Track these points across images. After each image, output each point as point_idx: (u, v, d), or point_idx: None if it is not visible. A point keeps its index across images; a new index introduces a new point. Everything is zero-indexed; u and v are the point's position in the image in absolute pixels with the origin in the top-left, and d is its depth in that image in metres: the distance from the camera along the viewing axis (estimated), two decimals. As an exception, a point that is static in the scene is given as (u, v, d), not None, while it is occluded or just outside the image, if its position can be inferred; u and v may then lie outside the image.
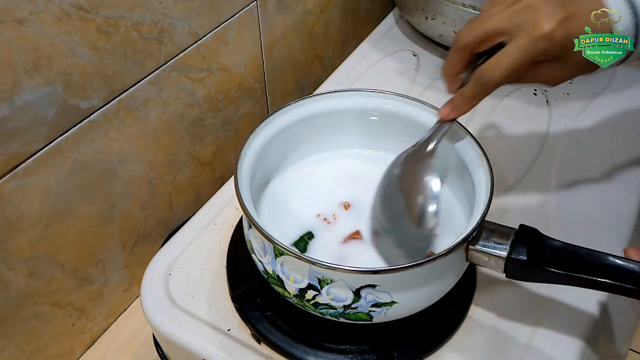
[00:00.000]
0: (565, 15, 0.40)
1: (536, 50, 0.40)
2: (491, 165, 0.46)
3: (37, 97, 0.46)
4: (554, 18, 0.40)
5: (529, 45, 0.40)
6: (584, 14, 0.40)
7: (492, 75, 0.42)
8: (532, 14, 0.40)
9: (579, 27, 0.40)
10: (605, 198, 0.59)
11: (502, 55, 0.41)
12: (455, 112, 0.46)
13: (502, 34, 0.41)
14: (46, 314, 0.55)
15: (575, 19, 0.40)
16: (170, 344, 0.50)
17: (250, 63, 0.71)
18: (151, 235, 0.65)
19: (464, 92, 0.45)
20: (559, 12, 0.40)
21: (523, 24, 0.40)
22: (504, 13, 0.41)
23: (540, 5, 0.40)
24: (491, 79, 0.42)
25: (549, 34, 0.40)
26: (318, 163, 0.56)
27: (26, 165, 0.48)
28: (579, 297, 0.50)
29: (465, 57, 0.44)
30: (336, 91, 0.54)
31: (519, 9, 0.41)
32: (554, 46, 0.40)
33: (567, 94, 0.73)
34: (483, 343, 0.48)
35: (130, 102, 0.55)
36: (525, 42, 0.40)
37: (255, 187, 0.51)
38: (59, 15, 0.45)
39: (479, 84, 0.43)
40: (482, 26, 0.42)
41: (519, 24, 0.41)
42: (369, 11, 0.96)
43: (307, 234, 0.50)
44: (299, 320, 0.48)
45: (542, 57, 0.41)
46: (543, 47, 0.40)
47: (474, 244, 0.43)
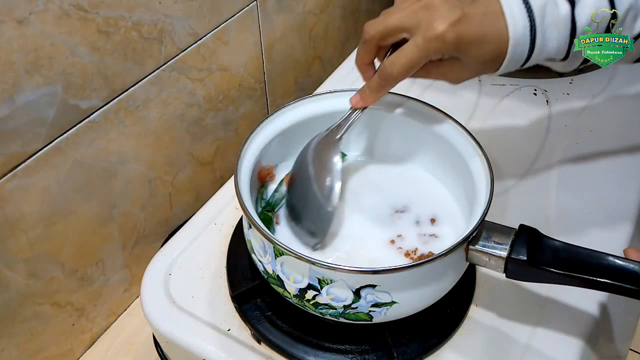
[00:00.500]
0: (458, 17, 0.41)
1: (429, 49, 0.41)
2: (491, 165, 0.46)
3: (37, 97, 0.46)
4: (447, 20, 0.41)
5: (423, 45, 0.41)
6: (477, 16, 0.41)
7: (391, 69, 0.43)
8: (429, 14, 0.41)
9: (470, 29, 0.41)
10: (605, 198, 0.59)
11: (401, 51, 0.43)
12: (363, 101, 0.48)
13: (403, 30, 0.43)
14: (46, 314, 0.55)
15: (467, 21, 0.41)
16: (170, 344, 0.50)
17: (250, 63, 0.71)
18: (151, 235, 0.65)
19: (370, 84, 0.47)
20: (453, 14, 0.41)
21: (421, 22, 0.41)
22: (407, 10, 0.43)
23: (438, 6, 0.41)
24: (390, 73, 0.44)
25: (440, 35, 0.41)
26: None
27: (26, 165, 0.48)
28: (579, 297, 0.50)
29: (370, 49, 0.45)
30: (336, 91, 0.54)
31: (419, 7, 0.42)
32: (446, 47, 0.41)
33: (567, 94, 0.73)
34: (483, 343, 0.48)
35: (130, 102, 0.55)
36: (420, 42, 0.41)
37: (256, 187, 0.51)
38: (59, 15, 0.45)
39: (381, 76, 0.45)
40: (386, 21, 0.43)
41: (417, 23, 0.42)
42: (369, 11, 0.96)
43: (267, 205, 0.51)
44: (299, 320, 0.48)
45: (437, 56, 0.42)
46: (436, 47, 0.41)
47: (474, 244, 0.43)
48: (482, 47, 0.41)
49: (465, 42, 0.41)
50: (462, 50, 0.41)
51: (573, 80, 0.74)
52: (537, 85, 0.74)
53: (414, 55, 0.42)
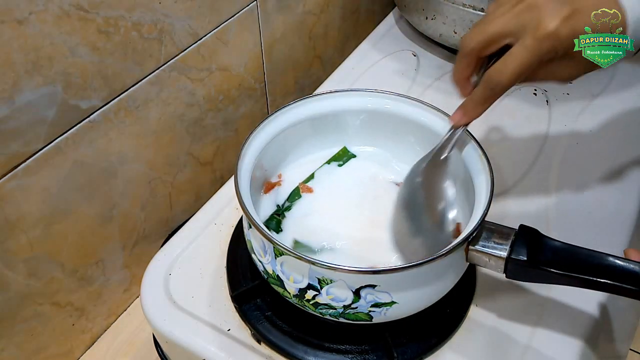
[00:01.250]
0: (569, 12, 0.39)
1: (542, 49, 0.40)
2: (491, 165, 0.46)
3: (37, 97, 0.46)
4: (558, 16, 0.39)
5: (535, 45, 0.40)
6: (588, 10, 0.40)
7: (500, 78, 0.41)
8: (536, 14, 0.40)
9: (584, 23, 0.40)
10: (605, 198, 0.59)
11: (508, 57, 0.41)
12: (466, 117, 0.46)
13: (507, 35, 0.41)
14: (46, 314, 0.55)
15: (579, 15, 0.40)
16: (170, 344, 0.50)
17: (250, 63, 0.71)
18: (151, 235, 0.65)
19: (474, 97, 0.44)
20: (563, 10, 0.40)
21: (527, 24, 0.40)
22: (507, 14, 0.41)
23: (544, 4, 0.40)
24: (499, 81, 0.42)
25: (554, 32, 0.39)
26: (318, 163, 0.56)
27: (26, 165, 0.48)
28: (579, 297, 0.50)
29: (472, 61, 0.44)
30: (336, 91, 0.54)
31: (522, 9, 0.41)
32: (560, 44, 0.40)
33: (567, 94, 0.73)
34: (483, 343, 0.48)
35: (130, 102, 0.55)
36: (531, 43, 0.40)
37: (255, 187, 0.51)
38: (59, 15, 0.45)
39: (487, 87, 0.43)
40: (487, 29, 0.42)
41: (523, 25, 0.40)
42: (369, 11, 0.96)
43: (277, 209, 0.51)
44: (299, 320, 0.48)
45: (549, 55, 0.41)
46: (549, 46, 0.40)
47: (474, 244, 0.43)
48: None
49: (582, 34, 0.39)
50: None
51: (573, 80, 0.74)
52: (537, 85, 0.74)
53: (524, 59, 0.40)
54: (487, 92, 0.43)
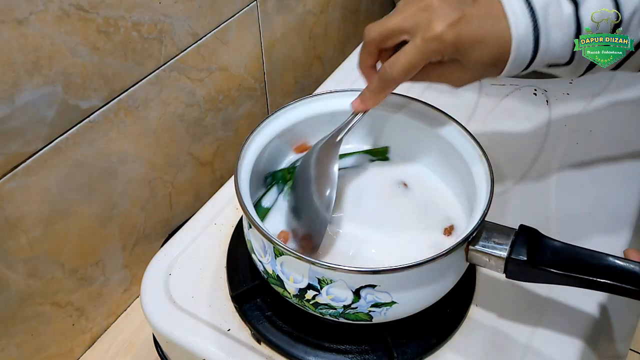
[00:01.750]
0: (457, 17, 0.40)
1: (428, 50, 0.41)
2: (491, 165, 0.46)
3: (37, 97, 0.46)
4: (446, 20, 0.40)
5: (422, 46, 0.41)
6: (477, 17, 0.40)
7: (391, 71, 0.43)
8: (429, 15, 0.41)
9: (470, 30, 0.40)
10: (605, 198, 0.59)
11: (400, 53, 0.42)
12: (363, 105, 0.48)
13: (403, 32, 0.43)
14: (46, 314, 0.55)
15: (467, 21, 0.40)
16: (170, 344, 0.50)
17: (250, 63, 0.71)
18: (151, 235, 0.65)
19: (370, 87, 0.47)
20: (453, 14, 0.40)
21: (420, 24, 0.41)
22: (407, 12, 0.42)
23: (438, 6, 0.41)
24: (390, 75, 0.43)
25: (439, 35, 0.40)
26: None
27: (26, 165, 0.48)
28: (579, 297, 0.50)
29: (372, 52, 0.45)
30: (336, 91, 0.54)
31: (420, 9, 0.42)
32: (445, 48, 0.41)
33: (567, 94, 0.73)
34: (483, 343, 0.48)
35: (130, 102, 0.56)
36: (419, 43, 0.41)
37: (255, 187, 0.51)
38: (59, 15, 0.45)
39: (381, 79, 0.45)
40: (387, 23, 0.43)
41: (417, 24, 0.41)
42: (369, 11, 0.96)
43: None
44: (299, 320, 0.48)
45: (436, 57, 0.42)
46: (435, 48, 0.41)
47: (474, 244, 0.43)
48: (483, 49, 0.40)
49: (465, 43, 0.40)
50: (462, 51, 0.41)
51: (573, 81, 0.74)
52: (537, 85, 0.74)
53: (413, 56, 0.42)
54: (381, 84, 0.45)
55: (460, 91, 0.55)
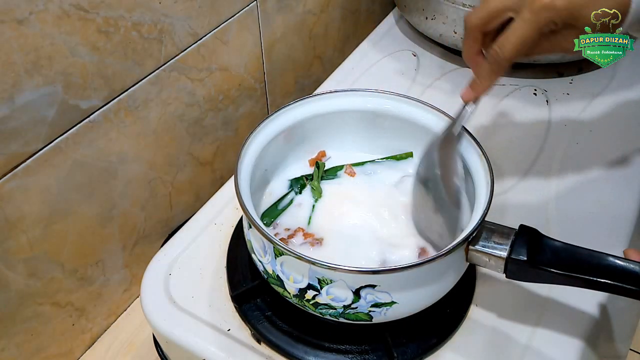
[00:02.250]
0: None
1: (540, 21, 0.40)
2: (491, 165, 0.46)
3: (37, 97, 0.46)
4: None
5: (533, 18, 0.40)
6: None
7: (502, 51, 0.42)
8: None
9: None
10: (605, 198, 0.59)
11: (509, 31, 0.42)
12: (475, 93, 0.47)
13: (507, 10, 0.42)
14: (46, 314, 0.55)
15: None
16: (170, 344, 0.50)
17: (250, 63, 0.71)
18: (151, 235, 0.65)
19: (481, 72, 0.46)
20: None
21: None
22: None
23: None
24: (502, 55, 0.42)
25: (549, 3, 0.40)
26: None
27: (26, 165, 0.48)
28: (579, 297, 0.50)
29: (477, 38, 0.45)
30: (336, 91, 0.54)
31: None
32: (557, 15, 0.40)
33: (567, 94, 0.73)
34: (483, 343, 0.48)
35: (130, 102, 0.55)
36: (529, 16, 0.40)
37: (255, 187, 0.51)
38: (59, 15, 0.45)
39: (492, 61, 0.44)
40: (488, 5, 0.43)
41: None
42: (369, 11, 0.96)
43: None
44: (299, 320, 0.48)
45: (549, 27, 0.41)
46: (547, 17, 0.40)
47: (474, 244, 0.43)
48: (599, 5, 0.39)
49: (578, 5, 0.39)
50: (576, 14, 0.40)
51: (573, 80, 0.74)
52: (537, 85, 0.74)
53: (524, 31, 0.41)
54: (492, 67, 0.44)
55: (460, 91, 0.55)
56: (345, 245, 0.48)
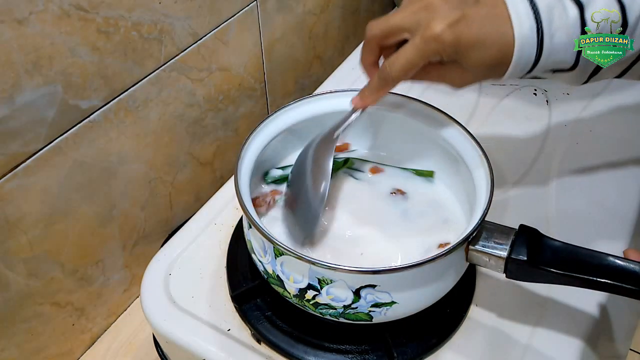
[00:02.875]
0: (457, 17, 0.39)
1: (427, 50, 0.41)
2: (491, 165, 0.46)
3: (37, 97, 0.46)
4: (445, 20, 0.39)
5: (421, 46, 0.41)
6: (479, 18, 0.39)
7: (390, 70, 0.43)
8: (429, 14, 0.40)
9: (470, 31, 0.39)
10: (605, 198, 0.59)
11: (400, 52, 0.42)
12: (362, 102, 0.48)
13: (403, 30, 0.42)
14: (46, 314, 0.55)
15: (467, 22, 0.39)
16: (170, 344, 0.50)
17: (250, 63, 0.71)
18: (151, 235, 0.65)
19: (370, 84, 0.46)
20: (453, 14, 0.40)
21: (421, 23, 0.41)
22: (409, 10, 0.42)
23: (438, 6, 0.40)
24: (390, 73, 0.43)
25: (438, 36, 0.40)
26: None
27: (26, 165, 0.48)
28: (579, 297, 0.50)
29: (373, 48, 0.45)
30: (336, 91, 0.54)
31: (420, 7, 0.41)
32: (444, 48, 0.40)
33: (567, 94, 0.73)
34: (483, 343, 0.48)
35: (130, 102, 0.56)
36: (418, 42, 0.41)
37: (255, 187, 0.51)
38: (59, 15, 0.45)
39: (381, 77, 0.44)
40: (389, 21, 0.43)
41: (417, 23, 0.41)
42: (369, 11, 0.96)
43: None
44: (299, 320, 0.48)
45: (435, 57, 0.41)
46: (434, 49, 0.40)
47: (474, 244, 0.43)
48: (483, 51, 0.40)
49: (465, 45, 0.40)
50: (462, 53, 0.40)
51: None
52: (537, 85, 0.74)
53: (412, 56, 0.41)
54: (381, 82, 0.45)
55: (460, 91, 0.55)
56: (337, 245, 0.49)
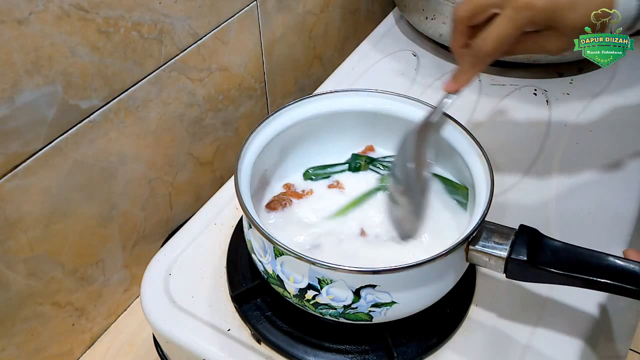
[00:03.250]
0: None
1: (520, 19, 0.40)
2: (491, 165, 0.46)
3: (37, 97, 0.46)
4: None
5: (514, 16, 0.40)
6: None
7: (484, 45, 0.43)
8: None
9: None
10: (605, 198, 0.59)
11: (492, 26, 0.42)
12: (456, 85, 0.47)
13: (492, 5, 0.42)
14: (46, 314, 0.55)
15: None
16: (170, 344, 0.50)
17: (250, 63, 0.71)
18: (151, 235, 0.65)
19: (463, 65, 0.46)
20: None
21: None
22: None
23: None
24: (483, 49, 0.43)
25: (530, 2, 0.40)
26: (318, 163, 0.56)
27: (26, 165, 0.48)
28: (579, 297, 0.50)
29: (463, 31, 0.45)
30: (336, 91, 0.54)
31: None
32: (538, 14, 0.40)
33: (567, 94, 0.73)
34: (483, 343, 0.48)
35: (130, 102, 0.56)
36: (510, 13, 0.41)
37: (255, 187, 0.51)
38: (59, 15, 0.45)
39: (474, 55, 0.44)
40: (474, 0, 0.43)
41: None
42: (369, 11, 0.96)
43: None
44: (299, 320, 0.48)
45: (529, 26, 0.41)
46: (527, 16, 0.40)
47: (474, 244, 0.43)
48: (579, 11, 0.39)
49: (559, 7, 0.39)
50: (557, 17, 0.40)
51: (573, 80, 0.74)
52: (537, 85, 0.74)
53: (504, 28, 0.41)
54: (474, 60, 0.45)
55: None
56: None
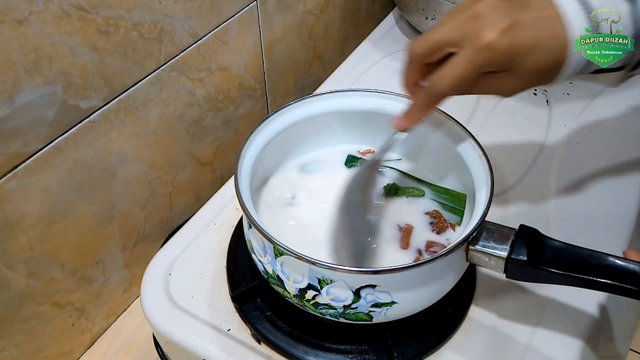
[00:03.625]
0: (509, 24, 0.38)
1: (480, 60, 0.39)
2: (491, 165, 0.46)
3: (37, 97, 0.46)
4: (497, 28, 0.38)
5: (473, 56, 0.39)
6: (531, 22, 0.39)
7: (438, 85, 0.41)
8: (477, 24, 0.39)
9: (524, 36, 0.38)
10: (605, 198, 0.59)
11: (448, 65, 0.40)
12: (408, 122, 0.45)
13: (449, 44, 0.40)
14: (46, 314, 0.55)
15: (520, 28, 0.38)
16: (170, 344, 0.50)
17: (250, 63, 0.71)
18: (151, 235, 0.65)
19: (416, 102, 0.44)
20: (504, 21, 0.38)
21: (468, 34, 0.39)
22: (452, 23, 0.40)
23: (486, 14, 0.39)
24: (438, 89, 0.41)
25: (491, 44, 0.38)
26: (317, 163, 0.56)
27: (26, 165, 0.48)
28: (579, 297, 0.50)
29: (417, 68, 0.43)
30: (336, 91, 0.54)
31: (466, 18, 0.40)
32: (498, 57, 0.39)
33: (567, 94, 0.73)
34: (483, 343, 0.48)
35: (130, 102, 0.55)
36: (469, 53, 0.39)
37: (255, 187, 0.51)
38: (59, 15, 0.45)
39: (428, 93, 0.43)
40: (432, 37, 0.41)
41: (465, 34, 0.39)
42: (369, 11, 0.96)
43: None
44: (299, 320, 0.48)
45: (488, 67, 0.40)
46: (487, 58, 0.39)
47: (474, 244, 0.43)
48: (538, 55, 0.39)
49: (519, 51, 0.38)
50: (516, 60, 0.39)
51: (573, 80, 0.74)
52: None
53: (463, 68, 0.39)
54: (427, 99, 0.43)
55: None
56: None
